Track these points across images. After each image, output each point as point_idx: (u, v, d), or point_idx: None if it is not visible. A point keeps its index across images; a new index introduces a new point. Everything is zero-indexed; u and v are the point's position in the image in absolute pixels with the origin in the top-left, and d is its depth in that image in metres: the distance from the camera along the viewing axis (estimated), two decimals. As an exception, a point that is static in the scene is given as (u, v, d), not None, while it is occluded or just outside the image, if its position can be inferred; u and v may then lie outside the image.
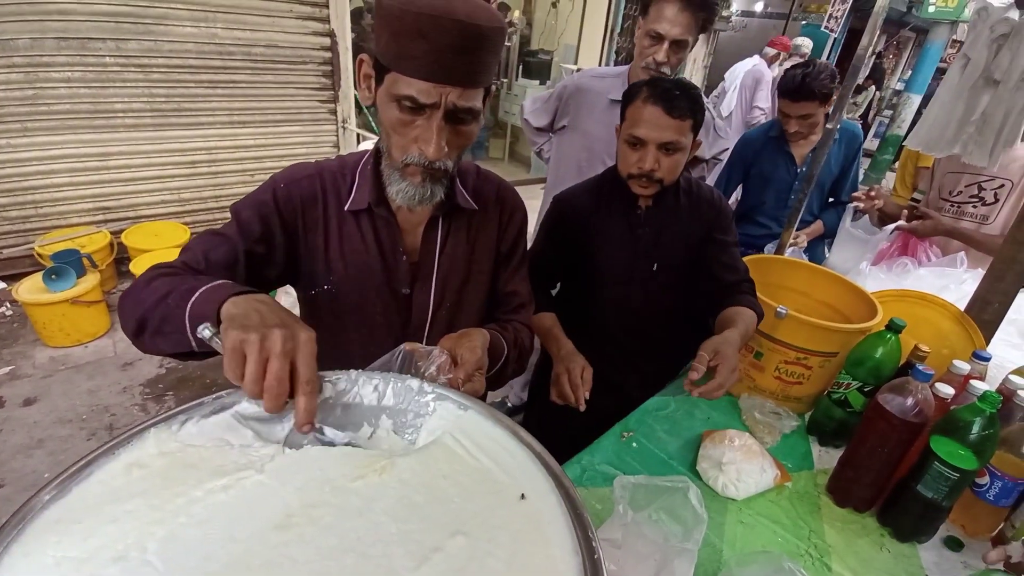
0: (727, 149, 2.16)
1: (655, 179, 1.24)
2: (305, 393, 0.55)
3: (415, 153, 0.80)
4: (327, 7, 3.63)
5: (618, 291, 1.41)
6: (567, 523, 0.50)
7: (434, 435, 0.61)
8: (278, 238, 0.90)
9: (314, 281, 0.96)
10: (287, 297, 3.29)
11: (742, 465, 1.11)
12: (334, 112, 4.00)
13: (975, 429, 0.93)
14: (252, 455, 0.54)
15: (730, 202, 2.42)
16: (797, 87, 1.99)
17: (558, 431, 1.23)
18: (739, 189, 2.46)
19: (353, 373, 0.65)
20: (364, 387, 0.64)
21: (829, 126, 1.62)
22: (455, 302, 1.04)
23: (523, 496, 0.54)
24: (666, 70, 1.66)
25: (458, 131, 0.81)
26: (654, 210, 1.36)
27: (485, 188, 1.05)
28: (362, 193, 0.92)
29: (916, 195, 2.25)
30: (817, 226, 2.29)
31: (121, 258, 3.28)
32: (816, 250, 2.38)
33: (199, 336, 0.59)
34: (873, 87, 9.70)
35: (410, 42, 0.72)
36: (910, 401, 1.01)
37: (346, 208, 0.92)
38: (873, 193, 2.01)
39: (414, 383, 0.64)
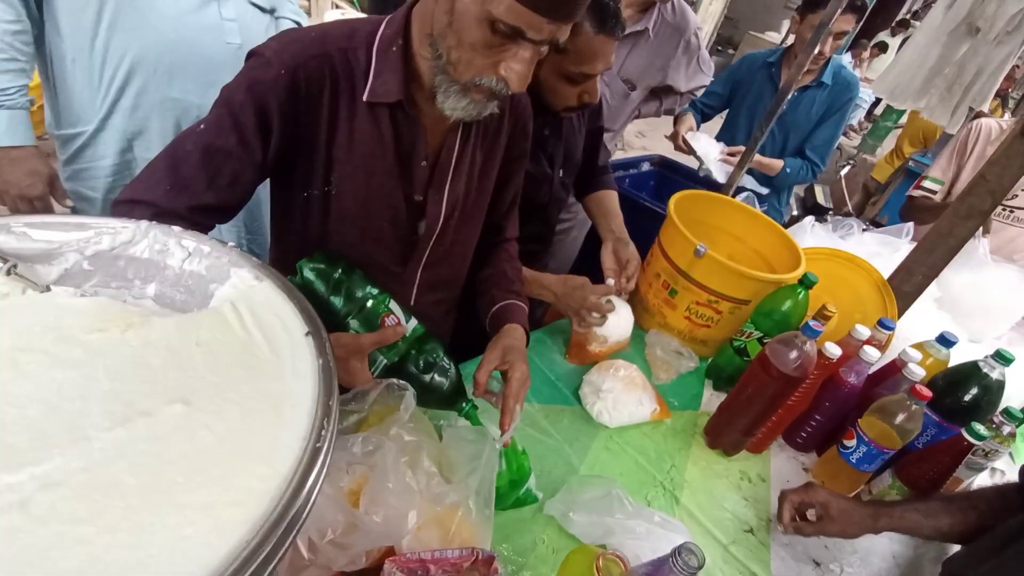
0: (704, 87, 2.00)
1: None
2: None
3: (493, 79, 0.71)
4: None
5: None
6: (313, 410, 0.45)
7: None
8: (274, 136, 0.76)
9: (309, 181, 0.83)
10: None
11: (620, 395, 1.10)
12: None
13: None
14: (-18, 289, 0.48)
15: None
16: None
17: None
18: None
19: (144, 224, 0.57)
20: (155, 242, 0.57)
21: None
22: (462, 213, 0.95)
23: (308, 334, 0.52)
24: None
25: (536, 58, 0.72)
26: None
27: None
28: (385, 83, 0.77)
29: (918, 158, 2.06)
30: (776, 162, 2.09)
31: None
32: (774, 201, 2.27)
33: None
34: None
35: None
36: (793, 355, 0.98)
37: (364, 99, 0.78)
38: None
39: (209, 244, 0.57)
